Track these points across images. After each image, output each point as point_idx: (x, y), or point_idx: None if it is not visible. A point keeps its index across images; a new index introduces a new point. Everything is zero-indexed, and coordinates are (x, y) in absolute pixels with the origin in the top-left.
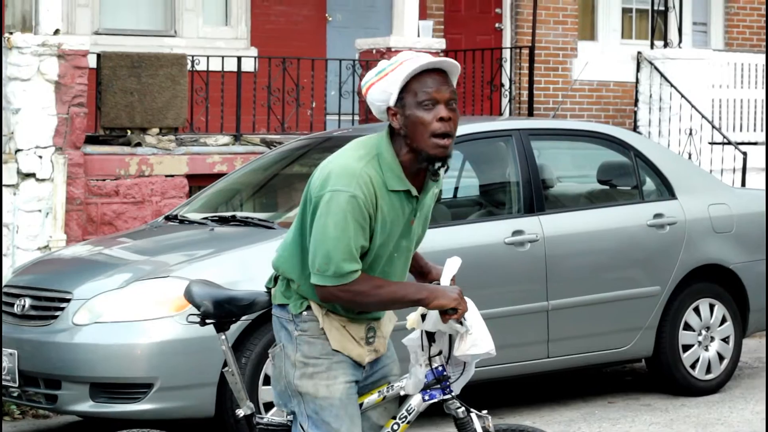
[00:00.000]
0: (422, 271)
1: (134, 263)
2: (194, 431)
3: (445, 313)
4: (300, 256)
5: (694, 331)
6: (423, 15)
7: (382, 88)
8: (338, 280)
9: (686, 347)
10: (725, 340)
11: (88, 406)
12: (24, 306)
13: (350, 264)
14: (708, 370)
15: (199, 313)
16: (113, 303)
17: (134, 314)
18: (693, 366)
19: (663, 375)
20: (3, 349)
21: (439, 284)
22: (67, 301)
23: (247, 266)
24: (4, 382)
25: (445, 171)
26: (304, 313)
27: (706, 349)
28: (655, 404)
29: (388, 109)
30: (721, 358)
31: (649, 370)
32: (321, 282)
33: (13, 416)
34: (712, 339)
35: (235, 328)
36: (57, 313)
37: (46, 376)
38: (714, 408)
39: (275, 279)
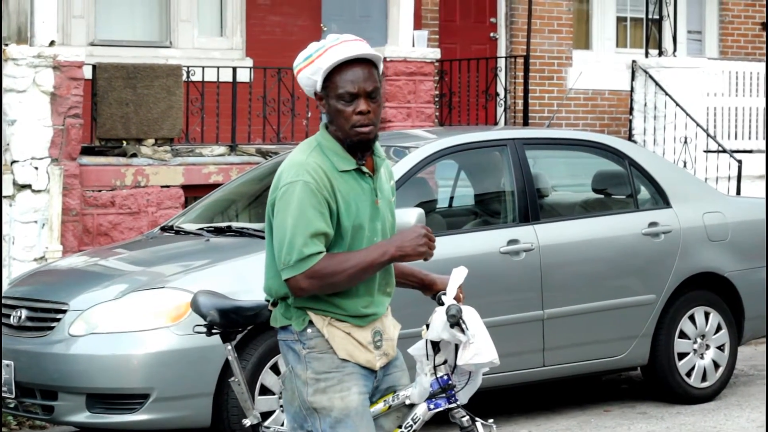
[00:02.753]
0: (425, 284)
1: (130, 274)
2: None
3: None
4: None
5: (689, 339)
6: (418, 25)
7: (308, 74)
8: (302, 266)
9: (682, 355)
10: (721, 348)
11: (84, 416)
12: (20, 317)
13: (310, 247)
14: (703, 378)
15: (205, 323)
16: (109, 314)
17: (130, 325)
18: (688, 374)
19: (659, 383)
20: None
21: (445, 293)
22: (64, 312)
23: (244, 277)
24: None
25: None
26: (309, 330)
27: (702, 357)
28: (651, 412)
29: (315, 94)
30: (716, 366)
31: (644, 378)
32: (288, 274)
33: (9, 427)
34: (708, 347)
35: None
36: (53, 324)
37: (42, 387)
38: (710, 416)
39: (273, 305)
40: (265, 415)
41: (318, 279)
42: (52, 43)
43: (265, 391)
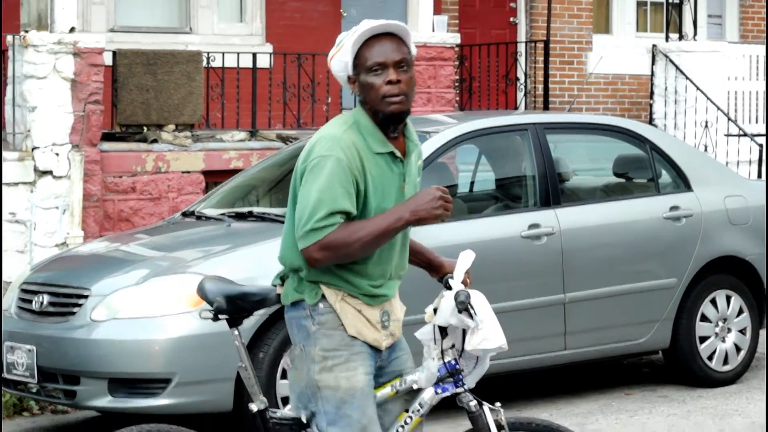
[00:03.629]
0: (433, 266)
1: (151, 259)
2: (211, 426)
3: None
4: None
5: (710, 322)
6: (437, 10)
7: (339, 58)
8: (316, 235)
9: (703, 339)
10: (742, 331)
11: (106, 401)
12: (42, 302)
13: (327, 220)
14: (725, 362)
15: (211, 309)
16: (131, 299)
17: (152, 310)
18: (710, 357)
19: (680, 366)
20: (22, 345)
21: (452, 276)
22: (85, 297)
23: (264, 262)
24: (22, 378)
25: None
26: (321, 305)
27: (723, 341)
28: (673, 396)
29: (348, 78)
30: (738, 349)
31: (666, 361)
32: (303, 244)
33: (32, 412)
34: (729, 330)
35: (253, 322)
36: (75, 310)
37: (64, 372)
38: (731, 399)
39: (282, 279)
40: (286, 400)
41: (332, 250)
42: (72, 30)
43: (286, 374)
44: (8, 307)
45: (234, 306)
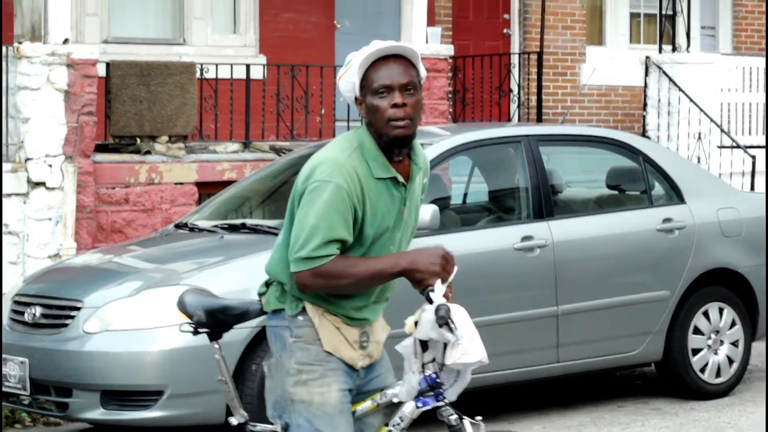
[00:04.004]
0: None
1: (144, 271)
2: None
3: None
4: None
5: (703, 335)
6: (431, 21)
7: (347, 78)
8: (309, 264)
9: (696, 351)
10: (735, 343)
11: (99, 413)
12: (35, 314)
13: (323, 249)
14: (718, 374)
15: (191, 322)
16: (124, 311)
17: (145, 322)
18: (702, 370)
19: (673, 379)
20: (14, 357)
21: (433, 289)
22: (78, 309)
23: (257, 274)
24: (14, 390)
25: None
26: (300, 318)
27: (716, 353)
28: (665, 408)
29: (356, 99)
30: (730, 361)
31: (658, 373)
32: (295, 268)
33: (24, 424)
34: (722, 342)
35: (245, 334)
36: (67, 322)
37: (57, 384)
38: (724, 412)
39: (268, 285)
40: None
41: (324, 278)
42: (65, 41)
43: None
44: (1, 318)
45: (214, 320)
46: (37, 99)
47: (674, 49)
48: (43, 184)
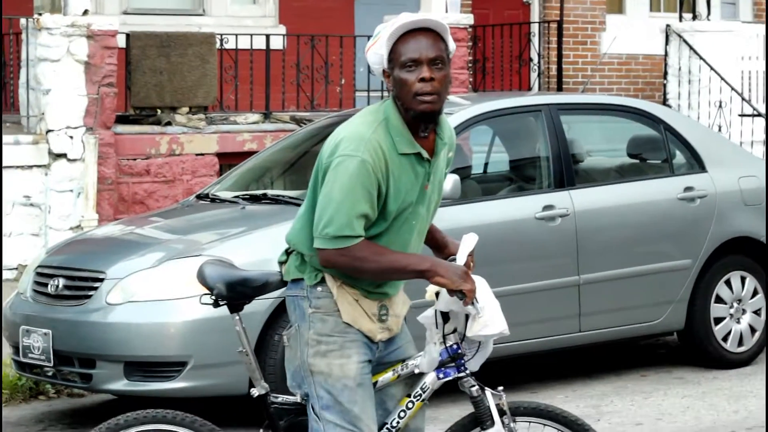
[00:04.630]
0: (438, 245)
1: (166, 242)
2: (226, 409)
3: (453, 293)
4: (312, 228)
5: (725, 303)
6: None
7: (375, 50)
8: (337, 243)
9: (718, 320)
10: (757, 312)
11: (122, 384)
12: (58, 286)
13: (350, 228)
14: (740, 343)
15: (211, 294)
16: (146, 282)
17: (167, 293)
18: (725, 339)
19: (695, 348)
20: (38, 329)
21: (455, 259)
22: (101, 280)
23: (279, 244)
24: (38, 362)
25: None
26: (319, 288)
27: (738, 322)
28: (688, 377)
29: (383, 71)
30: (753, 330)
31: (681, 343)
32: (321, 245)
33: (48, 395)
34: (744, 312)
35: (268, 305)
36: (90, 293)
37: (80, 356)
38: (746, 380)
39: (288, 254)
40: None
41: (349, 258)
42: (85, 12)
43: None
44: (24, 290)
45: (234, 292)
46: (57, 71)
47: (694, 17)
48: (64, 155)
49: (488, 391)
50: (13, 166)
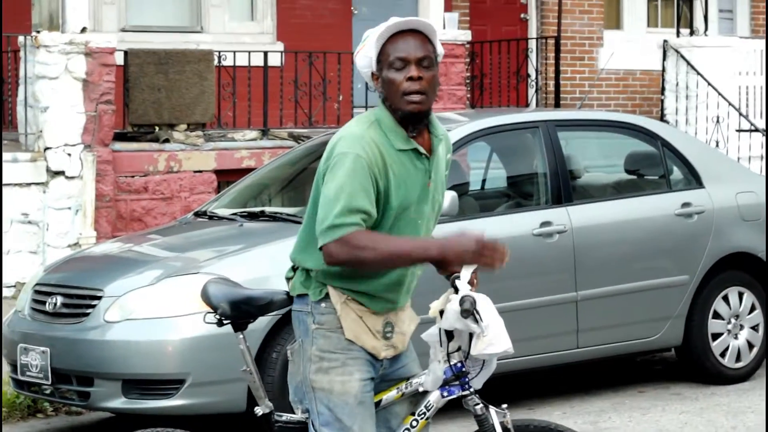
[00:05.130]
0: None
1: (164, 260)
2: (224, 427)
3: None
4: (315, 241)
5: (723, 319)
6: (448, 7)
7: (364, 53)
8: (335, 233)
9: (716, 336)
10: (755, 328)
11: (120, 402)
12: (56, 304)
13: (347, 217)
14: (738, 359)
15: (216, 314)
16: (144, 300)
17: (165, 311)
18: (723, 354)
19: (693, 364)
20: (36, 347)
21: (458, 276)
22: (99, 298)
23: (277, 261)
24: (36, 380)
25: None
26: (323, 304)
27: (736, 338)
28: (686, 393)
29: (372, 74)
30: (750, 346)
31: (678, 358)
32: (322, 240)
33: (46, 413)
34: (742, 327)
35: (266, 322)
36: (88, 311)
37: (78, 374)
38: (744, 396)
39: (295, 269)
40: None
41: (349, 248)
42: (83, 30)
43: None
44: (22, 308)
45: (238, 311)
46: (55, 88)
47: (692, 33)
48: (62, 173)
49: (492, 409)
50: (11, 183)
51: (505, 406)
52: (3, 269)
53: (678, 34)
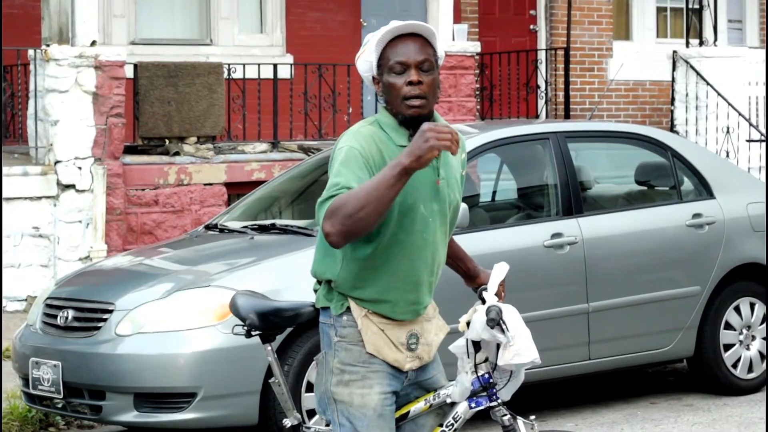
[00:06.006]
0: (470, 275)
1: (175, 273)
2: None
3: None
4: (331, 251)
5: (735, 330)
6: (457, 18)
7: (365, 58)
8: (320, 212)
9: (727, 346)
10: (766, 338)
11: (132, 416)
12: (67, 318)
13: (326, 195)
14: (750, 369)
15: (244, 325)
16: (156, 313)
17: (177, 324)
18: (735, 365)
19: (705, 375)
20: (47, 361)
21: (485, 289)
22: (110, 312)
23: (288, 274)
24: (48, 394)
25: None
26: (344, 318)
27: (748, 348)
28: (698, 404)
29: (373, 78)
30: (762, 357)
31: (690, 370)
32: (321, 228)
33: (58, 427)
34: (753, 338)
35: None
36: (100, 325)
37: (90, 387)
38: (756, 407)
39: (320, 282)
40: (312, 413)
41: (335, 214)
42: (93, 43)
43: (311, 387)
44: (33, 322)
45: (267, 322)
46: (65, 101)
47: (701, 43)
48: (72, 186)
49: (520, 420)
50: (21, 197)
51: (533, 417)
52: (13, 283)
53: (687, 44)
